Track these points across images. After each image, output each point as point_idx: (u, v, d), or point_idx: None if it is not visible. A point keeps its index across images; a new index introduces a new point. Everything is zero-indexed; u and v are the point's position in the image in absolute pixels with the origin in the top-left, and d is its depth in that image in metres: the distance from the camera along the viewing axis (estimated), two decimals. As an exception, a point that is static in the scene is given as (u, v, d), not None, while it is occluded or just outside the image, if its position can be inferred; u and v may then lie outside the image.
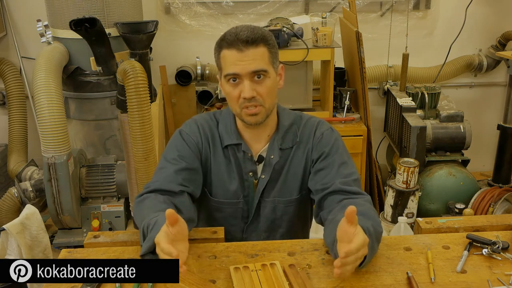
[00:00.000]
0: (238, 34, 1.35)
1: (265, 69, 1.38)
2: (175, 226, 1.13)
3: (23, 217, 1.92)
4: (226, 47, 1.37)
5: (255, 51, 1.36)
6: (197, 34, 3.35)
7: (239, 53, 1.35)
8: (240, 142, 1.50)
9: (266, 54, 1.38)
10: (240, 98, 1.39)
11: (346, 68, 3.37)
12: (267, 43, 1.38)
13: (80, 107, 2.84)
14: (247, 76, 1.36)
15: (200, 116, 1.58)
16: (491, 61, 3.54)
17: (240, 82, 1.38)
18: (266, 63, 1.38)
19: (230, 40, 1.36)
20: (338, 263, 1.09)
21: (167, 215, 1.10)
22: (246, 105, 1.39)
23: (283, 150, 1.51)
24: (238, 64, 1.35)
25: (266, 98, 1.40)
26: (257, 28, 1.39)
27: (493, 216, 1.53)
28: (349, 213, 1.11)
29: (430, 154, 3.05)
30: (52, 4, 2.72)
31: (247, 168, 1.51)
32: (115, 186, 2.73)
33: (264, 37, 1.38)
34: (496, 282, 1.20)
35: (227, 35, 1.38)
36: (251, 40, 1.35)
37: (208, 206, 1.57)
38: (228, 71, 1.37)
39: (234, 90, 1.39)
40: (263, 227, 1.57)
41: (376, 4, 3.42)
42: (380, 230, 1.29)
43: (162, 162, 1.48)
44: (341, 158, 1.48)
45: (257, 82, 1.38)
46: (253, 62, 1.36)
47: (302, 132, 1.53)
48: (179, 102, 3.44)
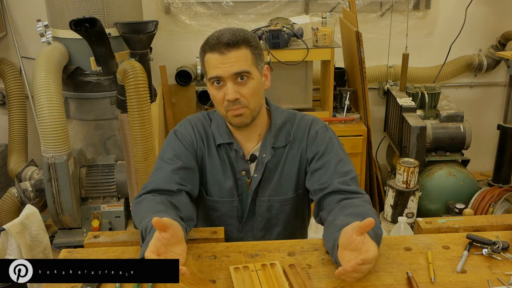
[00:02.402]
0: (220, 38, 1.36)
1: (247, 71, 1.38)
2: (167, 231, 1.13)
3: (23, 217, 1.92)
4: (209, 51, 1.38)
5: (237, 53, 1.36)
6: (197, 34, 3.35)
7: (221, 56, 1.36)
8: (232, 141, 1.50)
9: (249, 56, 1.39)
10: (224, 100, 1.39)
11: (346, 68, 3.37)
12: (249, 44, 1.39)
13: (80, 107, 2.84)
14: (229, 79, 1.37)
15: (194, 115, 1.58)
16: (491, 61, 3.54)
17: (223, 85, 1.39)
18: (248, 64, 1.38)
19: (212, 43, 1.37)
20: (342, 271, 1.10)
21: (154, 224, 1.10)
22: (230, 108, 1.40)
23: (276, 149, 1.51)
24: (220, 67, 1.36)
25: (250, 99, 1.40)
26: (239, 30, 1.40)
27: (493, 216, 1.53)
28: (365, 226, 1.11)
29: (430, 154, 3.05)
30: (52, 4, 2.72)
31: (240, 167, 1.51)
32: (115, 186, 2.73)
33: (246, 39, 1.38)
34: (496, 282, 1.20)
35: (209, 39, 1.40)
36: (233, 42, 1.36)
37: (204, 205, 1.58)
38: (211, 74, 1.38)
39: (218, 93, 1.40)
40: (259, 226, 1.57)
41: (376, 4, 3.42)
42: (380, 232, 1.29)
43: (159, 163, 1.49)
44: (337, 156, 1.47)
45: (240, 83, 1.38)
46: (235, 64, 1.36)
47: (296, 130, 1.53)
48: (179, 102, 3.45)
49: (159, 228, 1.12)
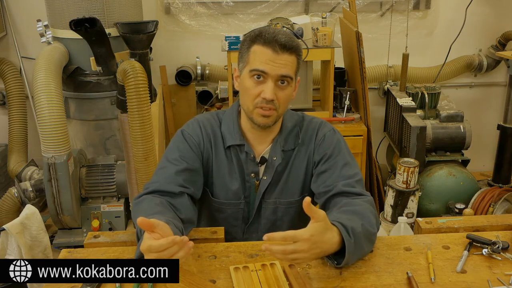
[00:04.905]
0: (277, 36, 1.36)
1: (291, 77, 1.39)
2: (155, 231, 1.12)
3: (23, 217, 1.92)
4: (261, 44, 1.37)
5: (288, 57, 1.37)
6: (197, 34, 3.35)
7: (274, 53, 1.36)
8: (243, 143, 1.50)
9: (295, 64, 1.40)
10: (258, 96, 1.39)
11: (346, 68, 3.37)
12: (298, 54, 1.41)
13: (80, 107, 2.84)
14: (273, 78, 1.37)
15: (202, 115, 1.57)
16: (491, 61, 3.54)
17: (263, 81, 1.38)
18: (293, 71, 1.40)
19: (268, 38, 1.36)
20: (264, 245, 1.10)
21: (139, 224, 1.09)
22: (262, 105, 1.39)
23: (285, 152, 1.52)
24: (270, 63, 1.36)
25: (282, 104, 1.41)
26: (293, 37, 1.42)
27: (493, 216, 1.53)
28: (304, 203, 1.11)
29: (430, 154, 3.05)
30: (52, 4, 2.72)
31: (249, 169, 1.51)
32: (115, 186, 2.73)
33: (298, 48, 1.41)
34: (496, 282, 1.20)
35: (264, 32, 1.38)
36: (289, 46, 1.36)
37: (209, 207, 1.57)
38: (256, 66, 1.37)
39: (255, 87, 1.39)
40: (264, 228, 1.57)
41: (376, 4, 3.42)
42: (372, 230, 1.29)
43: (163, 162, 1.48)
44: (343, 159, 1.48)
45: (279, 87, 1.39)
46: (284, 67, 1.37)
47: (304, 133, 1.54)
48: (179, 102, 3.45)
49: (146, 229, 1.11)
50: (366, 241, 1.26)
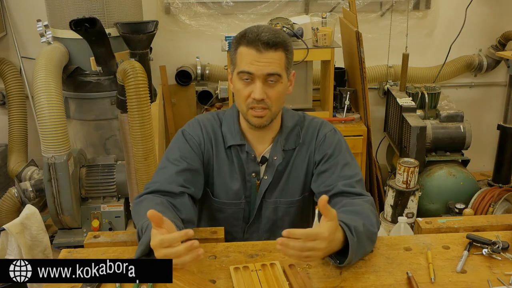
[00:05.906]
0: (260, 34, 1.34)
1: (279, 74, 1.37)
2: (163, 227, 1.12)
3: (23, 217, 1.92)
4: (245, 45, 1.36)
5: (273, 54, 1.35)
6: (197, 34, 3.35)
7: (258, 53, 1.34)
8: (244, 143, 1.50)
9: (283, 60, 1.38)
10: (249, 97, 1.38)
11: (346, 68, 3.37)
12: (286, 48, 1.38)
13: (80, 107, 2.84)
14: (260, 78, 1.36)
15: (203, 116, 1.57)
16: (491, 61, 3.54)
17: (252, 82, 1.38)
18: (281, 68, 1.38)
19: (251, 38, 1.35)
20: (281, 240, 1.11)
21: (149, 216, 1.09)
22: (253, 106, 1.39)
23: (286, 151, 1.51)
24: (255, 64, 1.35)
25: (274, 102, 1.40)
26: (279, 32, 1.39)
27: (493, 216, 1.53)
28: (321, 201, 1.12)
29: (430, 154, 3.05)
30: (52, 4, 2.72)
31: (250, 169, 1.51)
32: (115, 186, 2.73)
33: (285, 43, 1.38)
34: (496, 282, 1.20)
35: (248, 32, 1.37)
36: (272, 43, 1.34)
37: (210, 207, 1.57)
38: (243, 68, 1.37)
39: (244, 89, 1.39)
40: (264, 227, 1.57)
41: (376, 4, 3.42)
42: (373, 230, 1.29)
43: (164, 162, 1.48)
44: (344, 160, 1.48)
45: (269, 85, 1.38)
46: (270, 65, 1.35)
47: (305, 133, 1.53)
48: (179, 102, 3.44)
49: (155, 221, 1.11)
50: (367, 241, 1.27)
